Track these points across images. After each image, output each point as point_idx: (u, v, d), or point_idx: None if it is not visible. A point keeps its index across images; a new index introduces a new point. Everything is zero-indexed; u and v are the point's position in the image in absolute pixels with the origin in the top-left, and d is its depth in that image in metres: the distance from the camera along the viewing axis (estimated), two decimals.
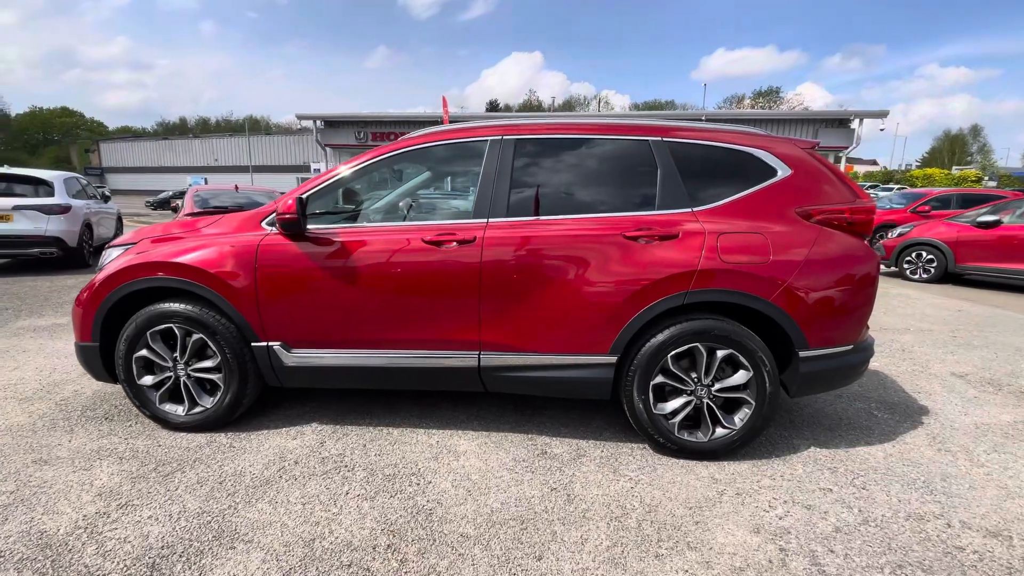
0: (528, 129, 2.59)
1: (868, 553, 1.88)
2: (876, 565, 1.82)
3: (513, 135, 2.58)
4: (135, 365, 2.66)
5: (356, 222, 2.65)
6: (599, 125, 2.60)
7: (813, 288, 2.36)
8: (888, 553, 1.88)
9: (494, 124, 2.64)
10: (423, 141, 2.64)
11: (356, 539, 1.91)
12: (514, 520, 2.04)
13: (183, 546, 1.87)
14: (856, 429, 2.90)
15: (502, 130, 2.59)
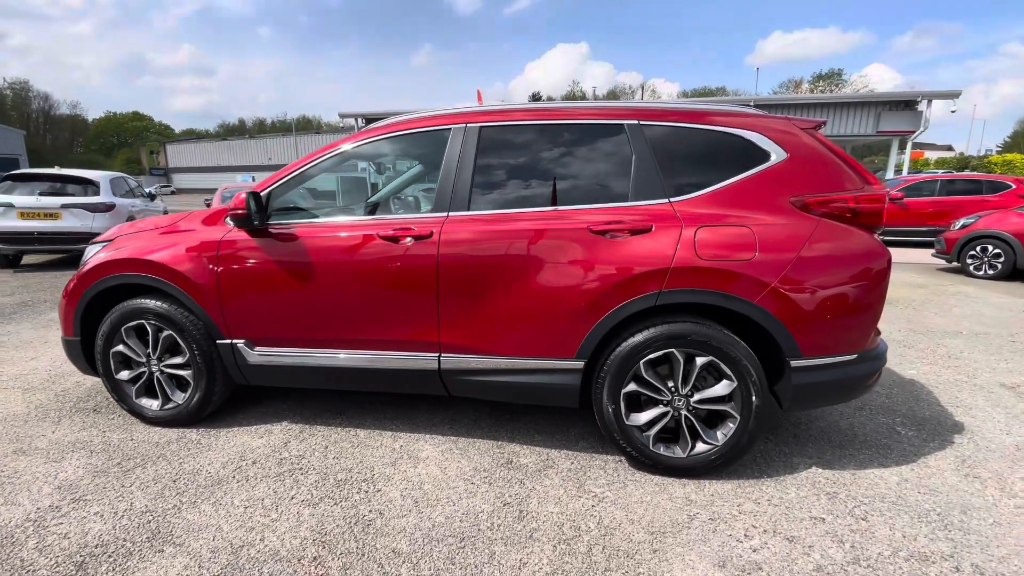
0: (493, 116, 2.41)
1: None
2: None
3: (477, 122, 2.41)
4: (113, 360, 2.71)
5: (321, 217, 2.57)
6: (570, 110, 2.38)
7: (807, 289, 2.06)
8: None
9: (458, 111, 2.48)
10: (386, 131, 2.52)
11: (284, 549, 1.83)
12: (454, 537, 1.89)
13: (116, 546, 1.85)
14: (871, 448, 2.57)
15: (466, 117, 2.43)
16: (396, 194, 3.01)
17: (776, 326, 2.08)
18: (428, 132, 2.47)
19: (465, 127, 2.41)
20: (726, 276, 2.07)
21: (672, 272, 2.10)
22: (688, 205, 2.18)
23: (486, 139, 2.38)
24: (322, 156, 2.54)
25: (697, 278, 2.09)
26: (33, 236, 7.32)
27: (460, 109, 2.49)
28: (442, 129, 2.44)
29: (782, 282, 2.05)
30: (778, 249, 2.07)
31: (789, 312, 2.06)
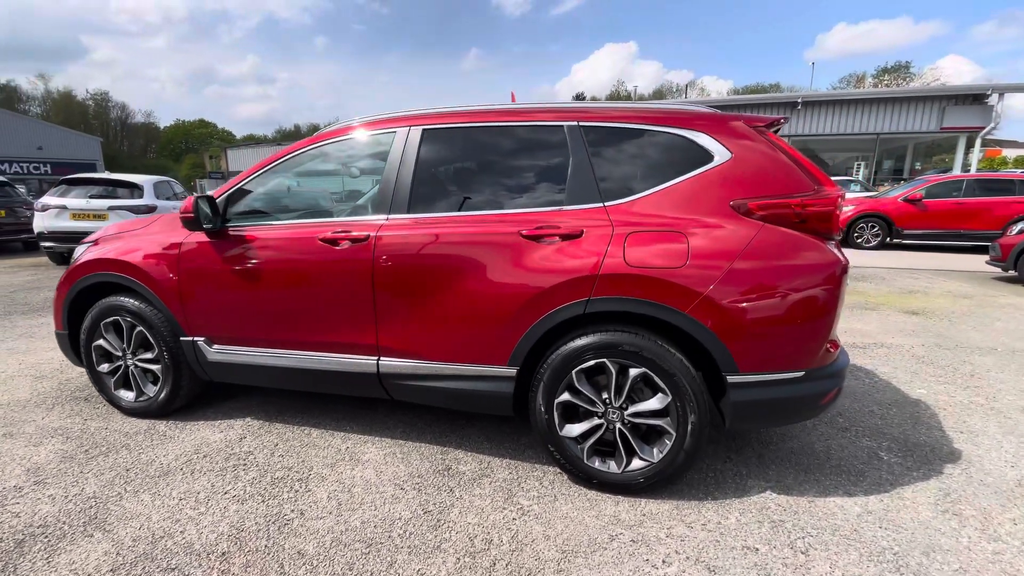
0: (435, 118, 2.40)
1: None
2: None
3: (420, 125, 2.40)
4: (94, 353, 2.89)
5: (277, 220, 2.63)
6: (511, 112, 2.33)
7: (743, 299, 1.91)
8: None
9: (403, 114, 2.48)
10: (335, 135, 2.56)
11: (199, 543, 1.89)
12: (362, 543, 1.89)
13: (55, 528, 1.96)
14: (842, 474, 2.35)
15: (409, 120, 2.43)
16: (318, 196, 3.01)
17: (709, 338, 1.94)
18: (377, 135, 2.48)
19: (408, 130, 2.40)
20: (655, 284, 1.96)
21: (600, 279, 2.01)
22: (623, 209, 2.08)
23: (428, 142, 2.37)
24: (275, 161, 2.61)
25: (625, 286, 1.99)
26: (83, 236, 7.96)
27: (406, 112, 2.49)
28: (388, 132, 2.45)
29: (715, 292, 1.91)
30: (712, 257, 1.93)
31: (723, 324, 1.92)
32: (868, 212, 10.92)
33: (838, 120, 19.33)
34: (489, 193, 2.31)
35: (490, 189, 2.32)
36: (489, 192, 2.31)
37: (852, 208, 11.05)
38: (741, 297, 1.91)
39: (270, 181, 2.66)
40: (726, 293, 1.91)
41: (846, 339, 4.44)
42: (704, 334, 1.94)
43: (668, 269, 1.95)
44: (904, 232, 10.61)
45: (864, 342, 4.37)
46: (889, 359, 3.94)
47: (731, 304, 1.91)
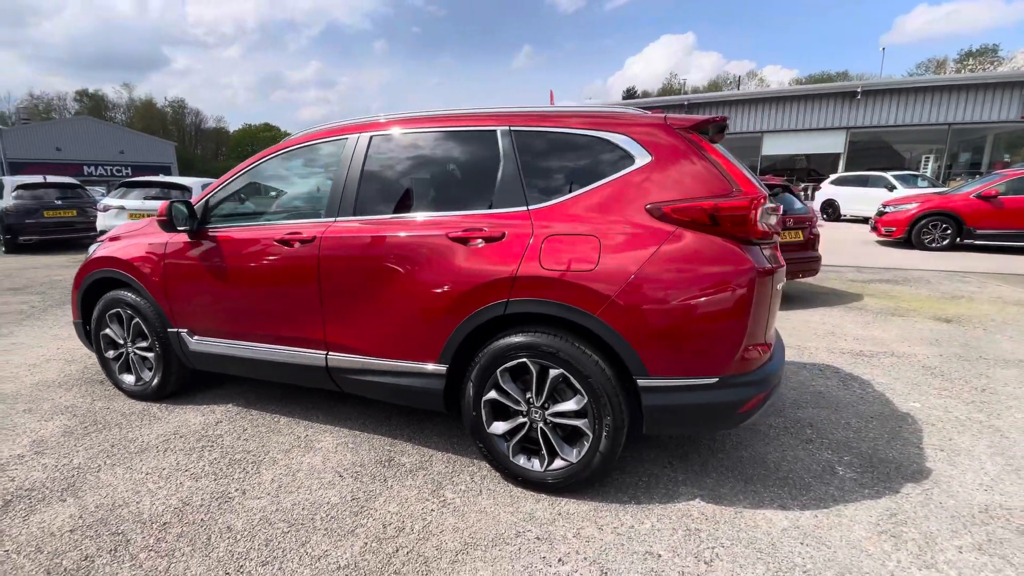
0: (382, 125, 2.51)
1: None
2: None
3: (368, 132, 2.52)
4: (102, 340, 3.24)
5: (246, 222, 2.84)
6: (449, 118, 2.40)
7: (651, 302, 1.89)
8: None
9: (357, 121, 2.61)
10: (298, 142, 2.73)
11: (148, 513, 2.10)
12: (285, 522, 2.04)
13: (38, 491, 2.25)
14: (786, 486, 2.27)
15: (360, 128, 2.55)
16: (283, 198, 3.15)
17: (618, 341, 1.93)
18: (332, 141, 2.63)
19: (358, 136, 2.53)
20: (567, 287, 1.97)
21: (518, 281, 2.05)
22: (544, 212, 2.10)
23: (374, 148, 2.49)
24: (248, 167, 2.82)
25: (540, 288, 2.02)
26: None
27: (359, 119, 2.62)
28: (341, 139, 2.59)
29: (624, 295, 1.91)
30: (622, 260, 1.93)
31: (632, 327, 1.91)
32: (934, 210, 9.94)
33: (904, 110, 17.92)
34: (428, 196, 2.40)
35: (429, 192, 2.40)
36: (428, 195, 2.40)
37: (915, 206, 10.19)
38: (649, 301, 1.90)
39: (243, 185, 2.88)
40: (634, 296, 1.90)
41: (854, 346, 4.19)
42: (613, 337, 1.94)
43: (579, 272, 1.96)
44: (976, 232, 9.57)
45: (873, 350, 4.10)
46: (893, 369, 3.69)
47: (639, 307, 1.90)
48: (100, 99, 62.50)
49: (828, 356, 3.99)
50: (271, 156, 2.78)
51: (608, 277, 1.92)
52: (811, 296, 6.17)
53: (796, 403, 3.13)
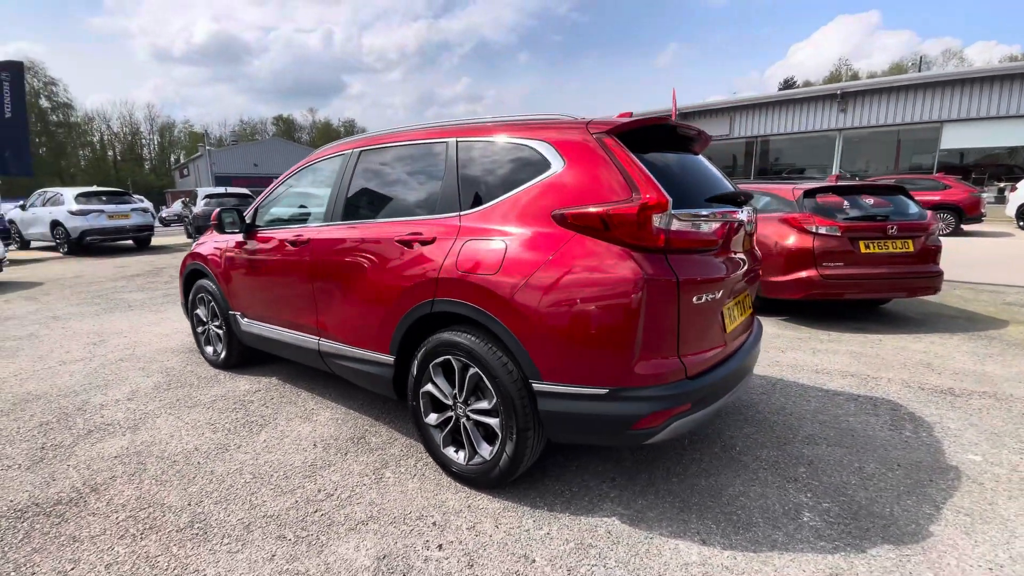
0: (368, 141, 2.83)
1: None
2: None
3: (357, 148, 2.86)
4: (195, 318, 4.10)
5: (281, 225, 3.39)
6: (416, 132, 2.62)
7: (544, 307, 1.89)
8: None
9: (353, 139, 2.97)
10: (318, 156, 3.18)
11: (168, 452, 2.68)
12: (251, 475, 2.44)
13: (113, 426, 2.99)
14: (726, 522, 2.05)
15: (354, 144, 2.91)
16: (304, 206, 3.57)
17: (516, 344, 1.96)
18: (337, 155, 3.03)
19: (351, 152, 2.89)
20: (475, 289, 2.06)
21: (440, 282, 2.19)
22: (471, 218, 2.21)
23: (361, 161, 2.82)
24: (286, 177, 3.36)
25: (455, 289, 2.13)
26: None
27: (355, 138, 2.98)
28: (341, 153, 2.97)
29: (520, 298, 1.93)
30: (521, 264, 1.95)
31: (527, 331, 1.93)
32: None
33: None
34: (393, 203, 2.65)
35: (394, 200, 2.65)
36: (393, 202, 2.65)
37: None
38: (542, 305, 1.90)
39: (281, 193, 3.44)
40: (529, 301, 1.92)
41: (946, 383, 3.45)
42: (511, 340, 1.97)
43: (484, 276, 2.03)
44: None
45: (969, 389, 3.33)
46: (979, 414, 2.97)
47: (533, 311, 1.91)
48: (290, 122, 75.23)
49: (899, 391, 3.35)
50: (299, 169, 3.29)
51: (508, 281, 1.97)
52: (931, 319, 5.12)
53: (810, 438, 2.73)
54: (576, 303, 1.85)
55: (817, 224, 4.79)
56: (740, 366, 2.23)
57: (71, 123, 45.27)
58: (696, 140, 2.49)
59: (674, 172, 2.13)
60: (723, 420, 2.96)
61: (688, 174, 2.21)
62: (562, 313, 1.87)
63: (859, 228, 4.74)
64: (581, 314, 1.84)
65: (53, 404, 3.31)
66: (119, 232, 11.70)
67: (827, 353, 4.15)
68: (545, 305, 1.90)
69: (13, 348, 4.57)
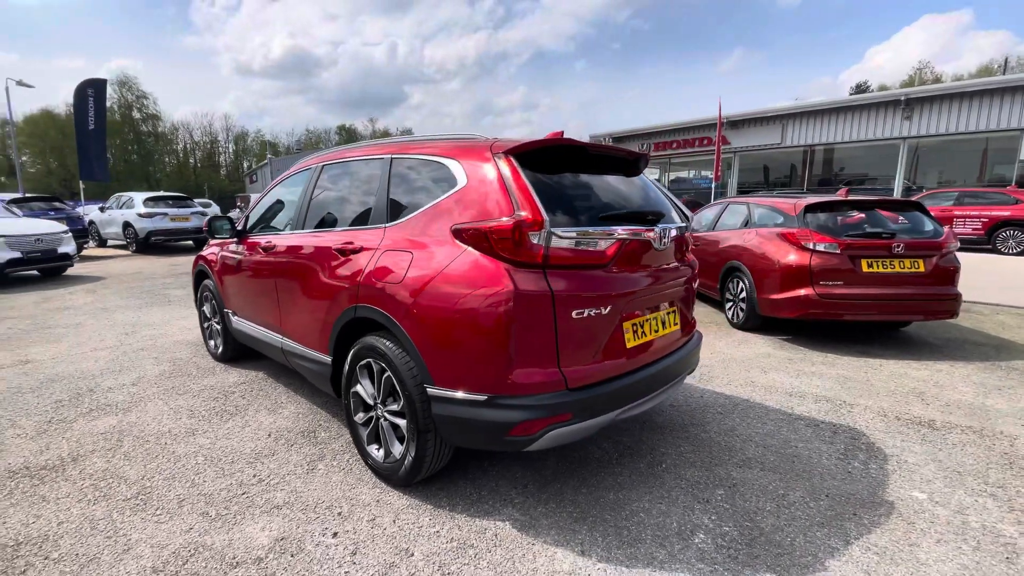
0: (330, 157, 3.07)
1: None
2: None
3: (321, 163, 3.10)
4: (201, 315, 4.52)
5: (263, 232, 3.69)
6: (369, 148, 2.82)
7: (434, 315, 2.03)
8: None
9: (320, 154, 3.22)
10: (296, 170, 3.46)
11: (146, 432, 3.00)
12: (204, 458, 2.70)
13: (112, 406, 3.37)
14: (614, 536, 2.07)
15: (319, 159, 3.16)
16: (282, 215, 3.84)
17: (412, 350, 2.09)
18: (307, 169, 3.29)
19: (316, 166, 3.14)
20: (384, 297, 2.22)
21: (361, 289, 2.36)
22: (392, 230, 2.37)
23: (322, 175, 3.06)
24: (270, 189, 3.67)
25: (372, 296, 2.29)
26: None
27: (321, 153, 3.23)
28: (309, 168, 3.23)
29: (417, 306, 2.07)
30: (420, 275, 2.09)
31: (421, 338, 2.06)
32: None
33: None
34: (340, 214, 2.86)
35: (344, 210, 2.86)
36: (340, 213, 2.86)
37: None
38: (433, 314, 2.02)
39: (269, 203, 3.75)
40: (424, 309, 2.05)
41: (930, 414, 3.25)
42: (410, 345, 2.11)
43: (393, 285, 2.19)
44: None
45: (953, 423, 3.11)
46: (951, 450, 2.79)
47: (427, 320, 2.04)
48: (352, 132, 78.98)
49: (870, 420, 3.18)
50: (282, 180, 3.60)
51: (409, 291, 2.11)
52: (951, 345, 4.76)
53: (747, 461, 2.67)
54: (459, 313, 1.96)
55: (815, 241, 4.59)
56: (652, 377, 2.25)
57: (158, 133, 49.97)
58: (625, 161, 2.54)
59: (576, 191, 2.19)
60: (660, 436, 2.95)
61: (595, 193, 2.26)
62: (448, 322, 1.99)
63: (861, 246, 4.50)
64: (462, 323, 1.96)
65: (72, 385, 3.77)
66: (180, 233, 12.84)
67: (811, 376, 3.97)
68: (436, 314, 2.02)
69: (60, 335, 5.21)
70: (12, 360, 4.34)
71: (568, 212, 2.05)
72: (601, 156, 2.42)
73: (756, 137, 21.38)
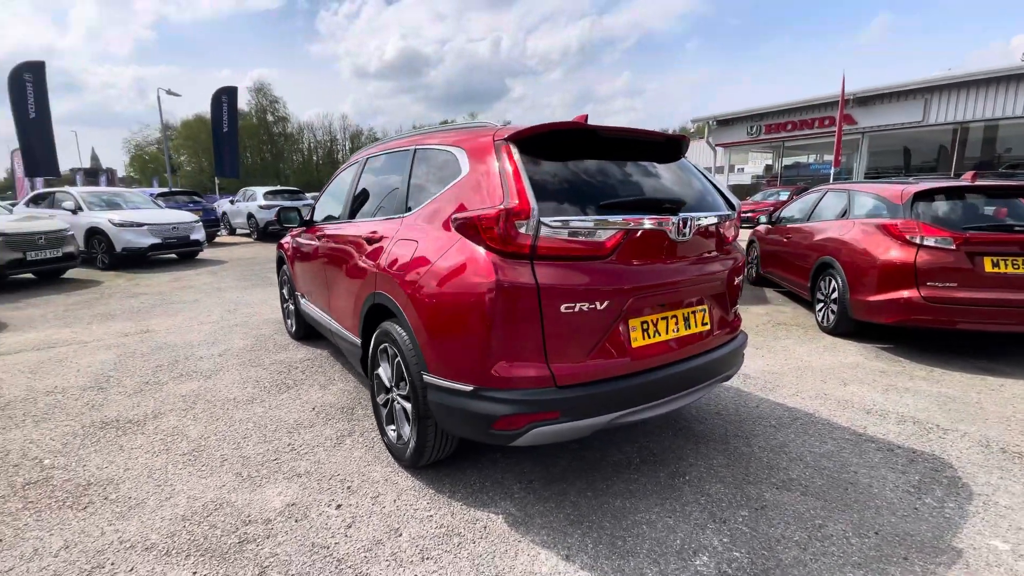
0: (374, 150, 3.20)
1: None
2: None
3: (366, 155, 3.26)
4: (281, 298, 5.00)
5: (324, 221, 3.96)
6: (401, 141, 2.89)
7: (430, 304, 2.04)
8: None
9: (364, 150, 3.37)
10: (349, 164, 3.67)
11: (216, 397, 3.41)
12: (253, 424, 3.00)
13: (198, 373, 3.88)
14: (609, 542, 1.96)
15: (366, 152, 3.31)
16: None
17: (412, 337, 2.12)
18: (354, 164, 3.48)
19: (363, 158, 3.30)
20: (393, 285, 2.28)
21: (378, 277, 2.45)
22: (408, 220, 2.42)
23: (366, 167, 3.21)
24: (330, 182, 3.94)
25: (384, 285, 2.37)
26: None
27: (367, 148, 3.38)
28: (356, 162, 3.41)
29: (416, 295, 2.10)
30: (421, 263, 2.12)
31: (419, 325, 2.09)
32: None
33: None
34: (375, 205, 2.98)
35: (376, 202, 2.98)
36: (375, 204, 2.98)
37: None
38: (428, 303, 2.04)
39: (325, 194, 4.03)
40: (422, 297, 2.07)
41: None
42: (410, 332, 2.15)
43: (399, 273, 2.24)
44: None
45: None
46: None
47: (423, 308, 2.06)
48: None
49: (965, 449, 2.66)
50: (335, 175, 3.84)
51: (411, 279, 2.15)
52: None
53: (787, 483, 2.37)
54: (449, 302, 1.96)
55: (923, 234, 3.89)
56: (665, 380, 2.07)
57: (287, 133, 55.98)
58: (660, 145, 2.34)
59: (584, 178, 2.06)
60: (693, 445, 2.71)
61: (608, 180, 2.11)
62: (440, 311, 2.00)
63: (985, 241, 3.73)
64: (452, 313, 1.95)
65: (174, 353, 4.40)
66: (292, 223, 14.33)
67: (904, 393, 3.40)
68: (431, 302, 2.04)
69: (178, 309, 6.09)
70: (136, 329, 5.17)
71: (570, 200, 1.94)
72: (626, 141, 2.25)
73: (891, 115, 18.62)
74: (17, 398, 3.40)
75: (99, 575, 1.80)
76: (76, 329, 5.20)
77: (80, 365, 4.07)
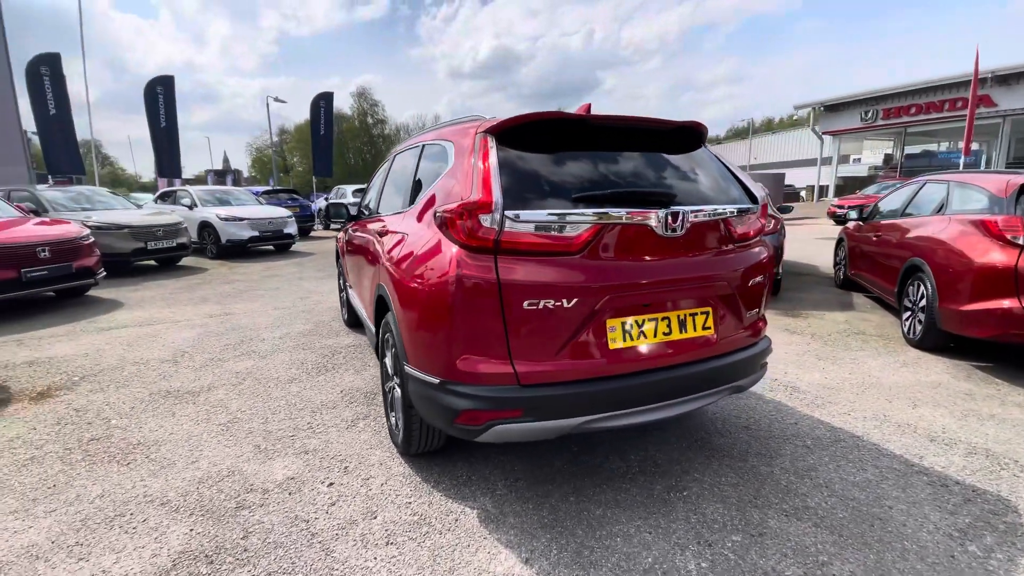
0: (402, 147, 3.32)
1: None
2: None
3: (395, 153, 3.39)
4: (339, 285, 5.37)
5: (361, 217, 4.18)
6: (419, 137, 2.97)
7: (407, 296, 2.10)
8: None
9: (400, 146, 3.50)
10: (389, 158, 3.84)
11: (263, 376, 3.75)
12: (287, 404, 3.26)
13: (256, 353, 4.30)
14: (603, 556, 1.88)
15: (399, 151, 3.44)
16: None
17: (396, 327, 2.19)
18: (389, 160, 3.62)
19: (393, 155, 3.44)
20: (387, 277, 2.36)
21: (380, 270, 2.55)
22: (407, 214, 2.48)
23: (393, 164, 3.35)
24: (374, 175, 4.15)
25: (383, 276, 2.46)
26: None
27: (404, 143, 3.50)
28: (391, 158, 3.56)
29: (398, 287, 2.17)
30: (405, 257, 2.17)
31: (401, 316, 2.16)
32: None
33: None
34: (392, 200, 3.08)
35: (393, 197, 3.08)
36: (393, 199, 3.08)
37: None
38: (408, 296, 2.09)
39: (368, 190, 4.24)
40: (403, 291, 2.13)
41: None
42: (396, 324, 2.21)
43: (391, 267, 2.31)
44: None
45: None
46: None
47: (405, 301, 2.12)
48: None
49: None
50: (376, 172, 4.03)
51: (397, 272, 2.22)
52: None
53: (799, 510, 2.12)
54: (421, 296, 1.99)
55: None
56: (651, 385, 1.95)
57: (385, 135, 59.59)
58: (667, 134, 2.20)
59: (566, 170, 1.97)
60: (704, 459, 2.51)
61: (593, 172, 2.00)
62: (414, 304, 2.04)
63: None
64: (422, 307, 1.98)
65: (244, 334, 4.91)
66: None
67: (987, 421, 2.87)
68: (408, 296, 2.09)
69: (259, 295, 6.76)
70: (219, 312, 5.83)
71: (548, 194, 1.88)
72: (626, 130, 2.14)
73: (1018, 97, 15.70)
74: (110, 366, 4.00)
75: (118, 522, 2.08)
76: (174, 309, 5.98)
77: (167, 341, 4.68)
